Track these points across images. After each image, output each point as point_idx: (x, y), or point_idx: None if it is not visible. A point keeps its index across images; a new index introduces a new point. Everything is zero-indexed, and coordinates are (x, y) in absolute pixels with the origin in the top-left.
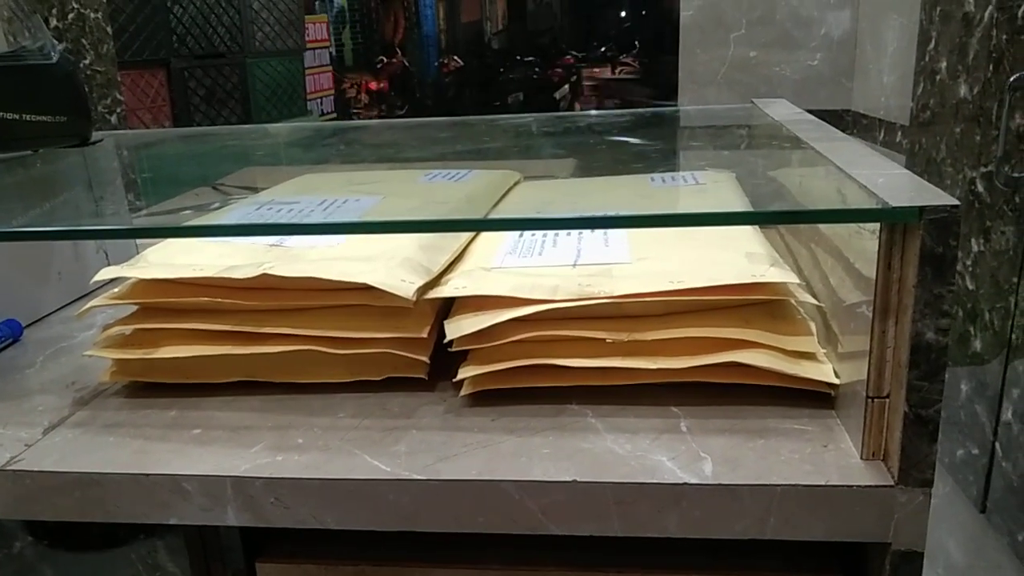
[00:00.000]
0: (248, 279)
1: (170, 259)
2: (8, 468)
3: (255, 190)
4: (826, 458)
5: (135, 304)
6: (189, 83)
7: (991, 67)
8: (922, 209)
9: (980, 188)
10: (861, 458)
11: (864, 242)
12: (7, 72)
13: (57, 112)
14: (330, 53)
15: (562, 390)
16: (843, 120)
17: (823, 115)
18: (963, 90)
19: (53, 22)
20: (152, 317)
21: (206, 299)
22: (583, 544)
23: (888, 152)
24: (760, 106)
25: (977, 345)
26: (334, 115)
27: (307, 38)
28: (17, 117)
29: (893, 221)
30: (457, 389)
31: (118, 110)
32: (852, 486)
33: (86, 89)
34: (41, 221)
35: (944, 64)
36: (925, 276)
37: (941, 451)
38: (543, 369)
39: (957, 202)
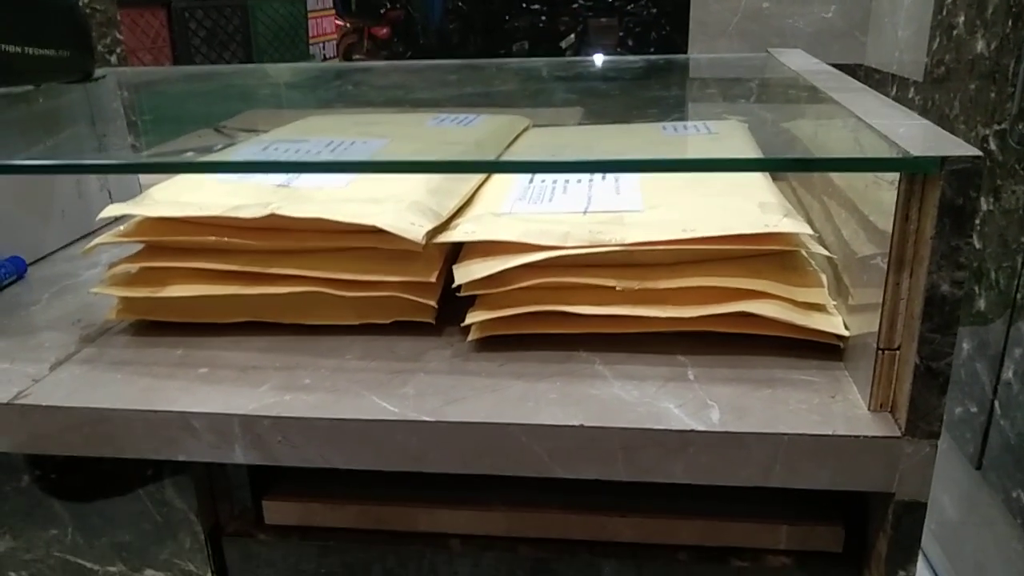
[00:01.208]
0: (256, 219)
1: (176, 197)
2: (16, 402)
3: (258, 132)
4: (833, 409)
5: (141, 242)
6: (190, 24)
7: (1010, 22)
8: (944, 159)
9: (992, 146)
10: (868, 409)
11: (881, 193)
12: (9, 3)
13: (60, 46)
14: None
15: (570, 337)
16: (855, 74)
17: (836, 68)
18: (980, 45)
19: None
20: (158, 255)
21: (213, 238)
22: (588, 488)
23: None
24: (776, 56)
25: (981, 304)
26: (336, 60)
27: None
28: (19, 50)
29: (914, 171)
30: (465, 334)
31: (118, 50)
32: (858, 436)
33: (89, 24)
34: (44, 156)
35: (962, 19)
36: (943, 228)
37: None
38: (552, 316)
39: (979, 153)
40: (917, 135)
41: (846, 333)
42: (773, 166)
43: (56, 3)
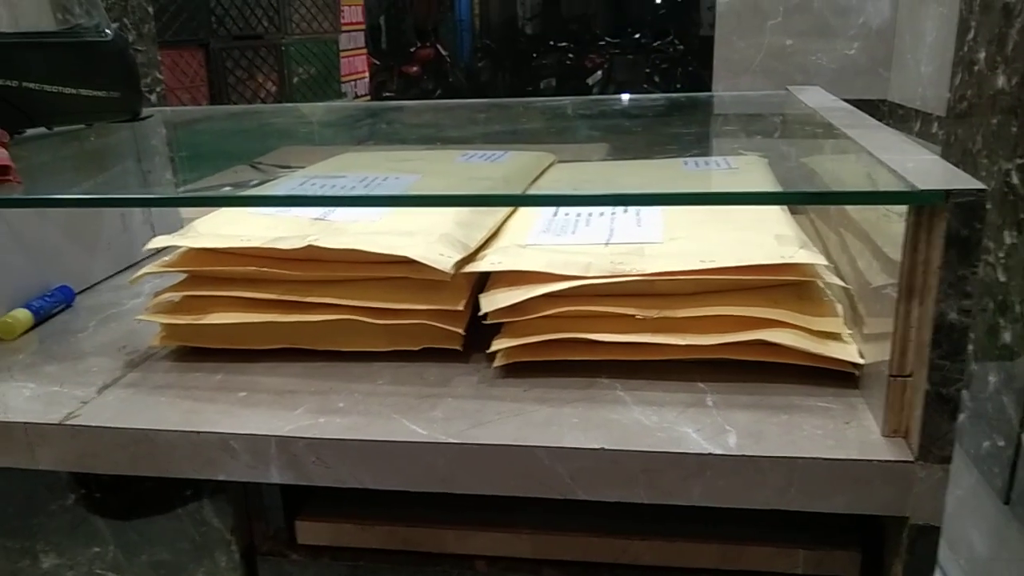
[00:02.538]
0: (294, 250)
1: (218, 229)
2: (66, 423)
3: (291, 167)
4: (848, 434)
5: (184, 272)
6: (226, 63)
7: None
8: (948, 192)
9: (1015, 180)
10: (882, 435)
11: (892, 225)
12: (65, 48)
13: (110, 88)
14: (365, 37)
15: (592, 364)
16: (879, 110)
17: (859, 104)
18: (1001, 81)
19: (100, 2)
20: (201, 285)
21: (253, 268)
22: (610, 511)
23: (924, 143)
24: (795, 93)
25: (1007, 337)
26: (368, 98)
27: (342, 20)
28: (74, 92)
29: (920, 204)
30: (491, 360)
31: (158, 89)
32: (872, 460)
33: (137, 67)
34: (93, 191)
35: (983, 55)
36: (950, 258)
37: (967, 443)
38: (574, 343)
39: (983, 186)
40: (925, 169)
41: (861, 361)
42: (786, 199)
43: (107, 48)
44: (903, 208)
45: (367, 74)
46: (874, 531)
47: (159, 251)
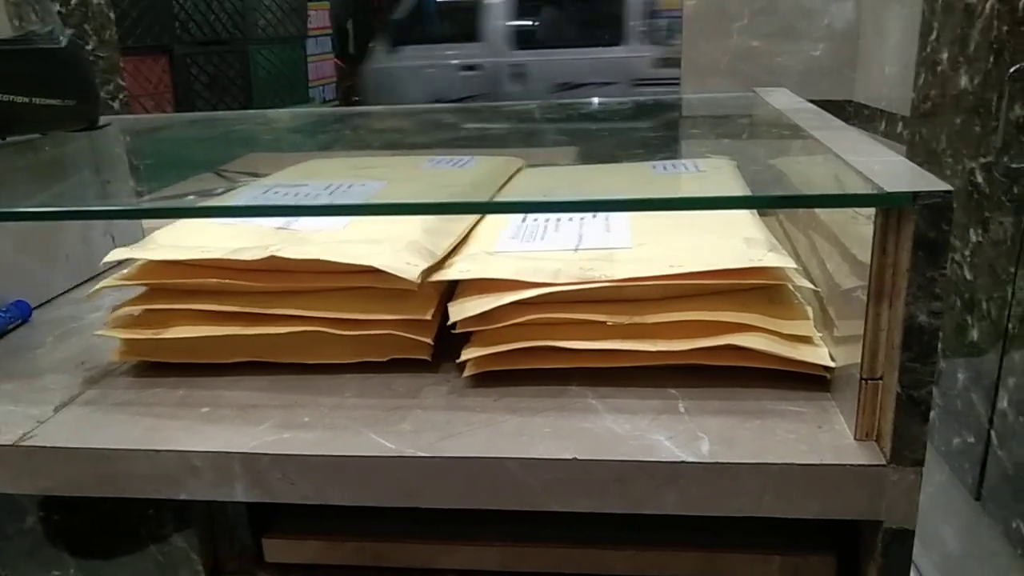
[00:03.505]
0: (256, 261)
1: (179, 241)
2: (21, 444)
3: (258, 175)
4: (820, 438)
5: (144, 285)
6: (191, 69)
7: (992, 58)
8: (916, 194)
9: (979, 179)
10: (855, 438)
11: (860, 227)
12: (17, 56)
13: (66, 96)
14: (332, 40)
15: (563, 372)
16: (845, 110)
17: (826, 105)
18: (964, 81)
19: (56, 7)
20: (161, 298)
21: (214, 280)
22: (582, 522)
23: (889, 143)
24: (761, 95)
25: (974, 335)
26: (336, 102)
27: (309, 25)
28: (27, 100)
29: (888, 206)
30: (460, 370)
31: (120, 96)
32: (845, 465)
33: (94, 73)
34: (50, 202)
35: (945, 55)
36: (918, 260)
37: (938, 440)
38: (545, 351)
39: (950, 188)
40: (891, 171)
41: (832, 364)
42: (753, 203)
43: (62, 55)
44: (870, 210)
45: (335, 79)
46: (848, 535)
47: (119, 263)
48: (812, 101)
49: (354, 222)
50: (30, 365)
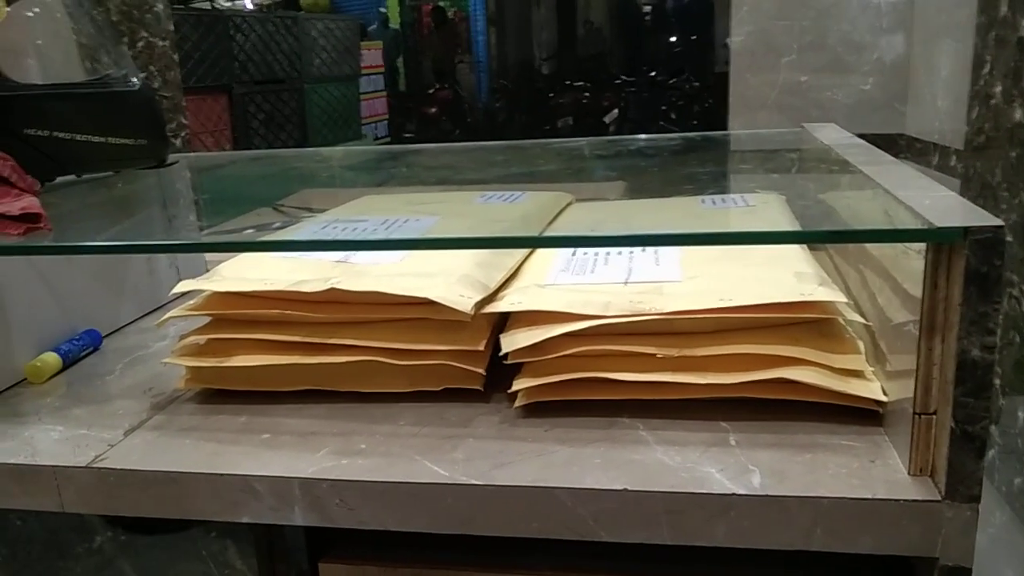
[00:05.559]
0: (316, 293)
1: (242, 273)
2: (93, 466)
3: (313, 211)
4: (873, 473)
5: (209, 315)
6: (249, 108)
7: None
8: (967, 230)
9: None
10: (908, 473)
11: (911, 262)
12: (94, 98)
13: (138, 135)
14: (384, 78)
15: (613, 403)
16: (897, 144)
17: (876, 139)
18: (1019, 114)
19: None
20: (225, 328)
21: (276, 311)
22: (633, 552)
23: (943, 176)
24: (810, 130)
25: None
26: (388, 139)
27: (362, 63)
28: (103, 140)
29: (939, 241)
30: (512, 400)
31: (182, 134)
32: (899, 500)
33: (163, 115)
34: (120, 237)
35: (999, 88)
36: (971, 295)
37: (998, 479)
38: (595, 382)
39: (1001, 223)
40: (942, 206)
41: (884, 398)
42: (804, 238)
43: (135, 97)
44: (921, 245)
45: (387, 116)
46: (902, 572)
47: (184, 294)
48: (863, 135)
49: (410, 256)
50: (101, 391)
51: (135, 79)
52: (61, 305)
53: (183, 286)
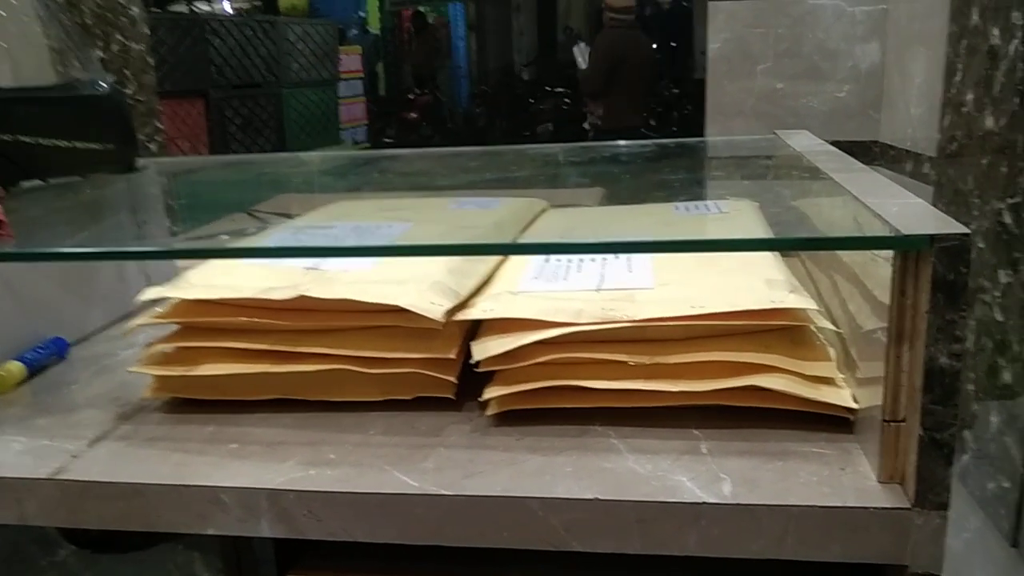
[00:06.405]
0: (286, 300)
1: (211, 280)
2: (56, 477)
3: (288, 216)
4: (843, 480)
5: (177, 323)
6: (226, 112)
7: (1017, 99)
8: (933, 237)
9: (1008, 219)
10: (878, 481)
11: (880, 269)
12: (61, 102)
13: (106, 140)
14: (363, 84)
15: (585, 411)
16: (871, 151)
17: (851, 146)
18: (989, 122)
19: (98, 54)
20: (193, 336)
21: (245, 319)
22: (605, 562)
23: (916, 184)
24: (783, 137)
25: (1007, 377)
26: (367, 144)
27: (340, 69)
28: (69, 145)
29: (905, 248)
30: (483, 409)
31: (157, 138)
32: (869, 508)
33: (133, 119)
34: (89, 243)
35: (970, 96)
36: (938, 302)
37: (972, 484)
38: (567, 390)
39: (967, 230)
40: (909, 213)
41: (855, 406)
42: (774, 245)
43: (103, 101)
44: (890, 252)
45: (366, 121)
46: None
47: (154, 301)
48: (838, 142)
49: (381, 262)
50: (66, 401)
51: (103, 83)
52: (26, 313)
53: (150, 293)
